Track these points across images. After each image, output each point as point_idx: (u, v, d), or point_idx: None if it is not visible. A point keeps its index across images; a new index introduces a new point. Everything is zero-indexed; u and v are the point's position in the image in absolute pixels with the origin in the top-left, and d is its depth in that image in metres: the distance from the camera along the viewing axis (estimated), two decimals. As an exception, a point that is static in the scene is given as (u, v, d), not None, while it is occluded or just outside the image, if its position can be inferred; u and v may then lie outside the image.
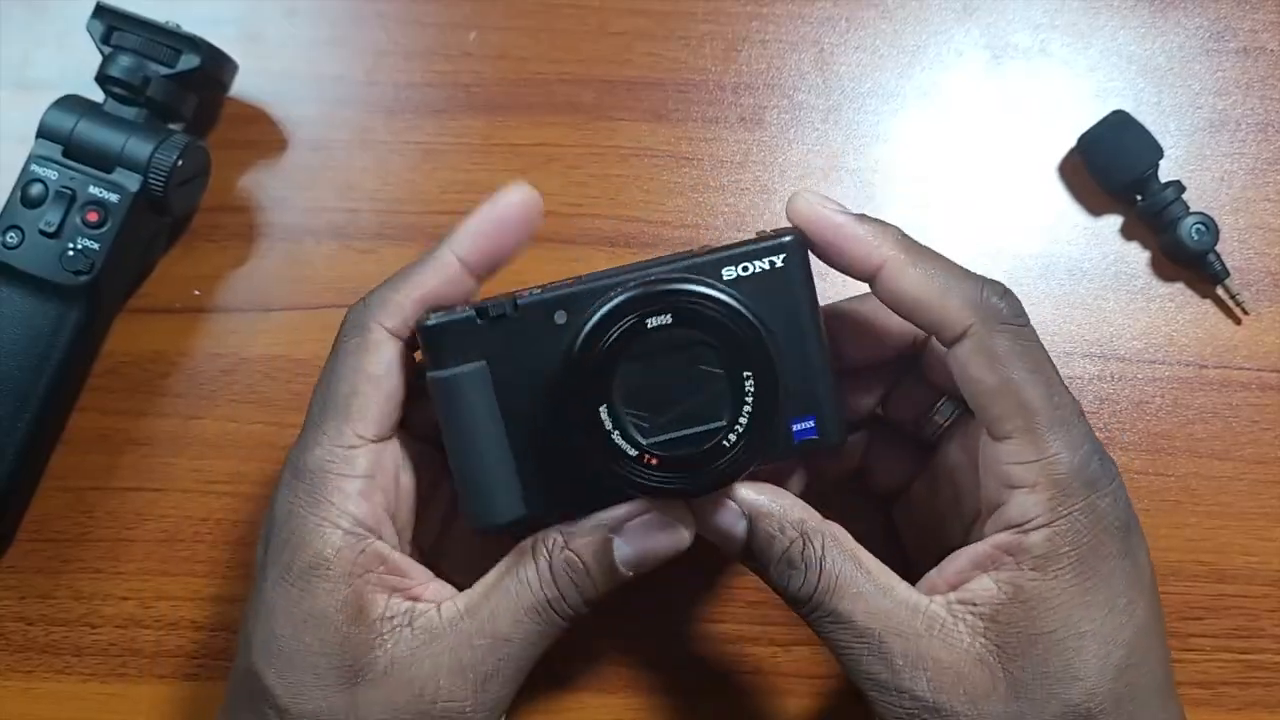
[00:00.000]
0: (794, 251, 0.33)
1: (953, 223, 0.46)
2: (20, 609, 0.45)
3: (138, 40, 0.44)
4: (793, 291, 0.34)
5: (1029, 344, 0.33)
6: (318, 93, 0.48)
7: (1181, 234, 0.44)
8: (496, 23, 0.48)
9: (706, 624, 0.44)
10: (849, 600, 0.32)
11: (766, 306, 0.33)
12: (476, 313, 0.33)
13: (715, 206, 0.47)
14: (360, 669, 0.33)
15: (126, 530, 0.45)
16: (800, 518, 0.34)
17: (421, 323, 0.34)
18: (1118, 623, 0.32)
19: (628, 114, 0.47)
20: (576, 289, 0.33)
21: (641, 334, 0.32)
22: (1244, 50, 0.47)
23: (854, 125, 0.47)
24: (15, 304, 0.43)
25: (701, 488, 0.33)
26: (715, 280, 0.33)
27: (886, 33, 0.48)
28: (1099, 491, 0.32)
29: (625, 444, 0.32)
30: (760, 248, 0.33)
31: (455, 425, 0.34)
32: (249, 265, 0.47)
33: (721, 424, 0.32)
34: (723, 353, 0.32)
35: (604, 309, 0.32)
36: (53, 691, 0.44)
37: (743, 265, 0.33)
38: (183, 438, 0.45)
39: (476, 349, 0.33)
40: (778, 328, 0.33)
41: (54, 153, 0.43)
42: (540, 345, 0.33)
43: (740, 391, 0.32)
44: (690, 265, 0.33)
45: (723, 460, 0.32)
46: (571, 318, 0.33)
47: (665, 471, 0.32)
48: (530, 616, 0.33)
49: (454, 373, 0.33)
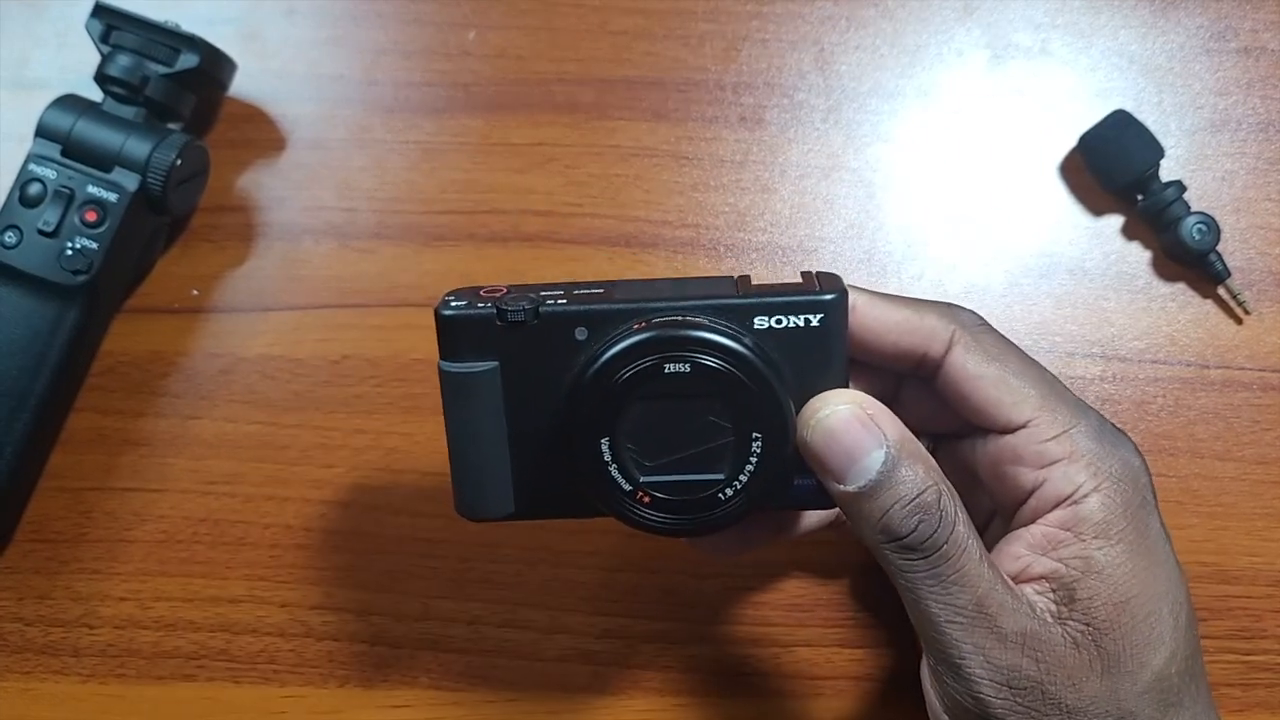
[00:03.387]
0: (834, 311, 0.32)
1: (953, 222, 0.46)
2: (18, 609, 0.44)
3: (136, 40, 0.43)
4: (826, 350, 0.32)
5: (1006, 340, 0.34)
6: (316, 92, 0.48)
7: (1183, 234, 0.44)
8: (495, 22, 0.48)
9: (707, 625, 0.44)
10: (972, 563, 0.31)
11: (794, 362, 0.32)
12: (497, 313, 0.32)
13: (715, 206, 0.47)
14: None
15: (125, 531, 0.45)
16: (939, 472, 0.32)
17: (438, 309, 0.33)
18: (1175, 579, 0.33)
19: (627, 113, 0.47)
20: (603, 309, 0.32)
21: (657, 377, 0.31)
22: (1245, 50, 0.47)
23: (854, 125, 0.47)
24: (13, 303, 0.43)
25: (690, 532, 0.33)
26: (744, 331, 0.32)
27: (887, 32, 0.48)
28: (1125, 448, 0.33)
29: (621, 479, 0.32)
30: (800, 302, 0.32)
31: (458, 418, 0.33)
32: (247, 265, 0.47)
33: (721, 478, 0.32)
34: (735, 410, 0.31)
35: (623, 344, 0.31)
36: (51, 692, 0.44)
37: (777, 317, 0.32)
38: (181, 438, 0.45)
39: (491, 348, 0.33)
40: (802, 383, 0.32)
41: (53, 152, 0.43)
42: (555, 357, 0.32)
43: (746, 451, 0.32)
44: (723, 307, 0.32)
45: (716, 511, 0.32)
46: (591, 337, 0.32)
47: (656, 511, 0.32)
48: None
49: (466, 369, 0.33)
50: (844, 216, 0.47)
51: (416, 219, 0.47)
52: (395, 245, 0.46)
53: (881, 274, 0.46)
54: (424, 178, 0.47)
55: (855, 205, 0.47)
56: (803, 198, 0.47)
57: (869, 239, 0.46)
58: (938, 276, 0.46)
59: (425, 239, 0.46)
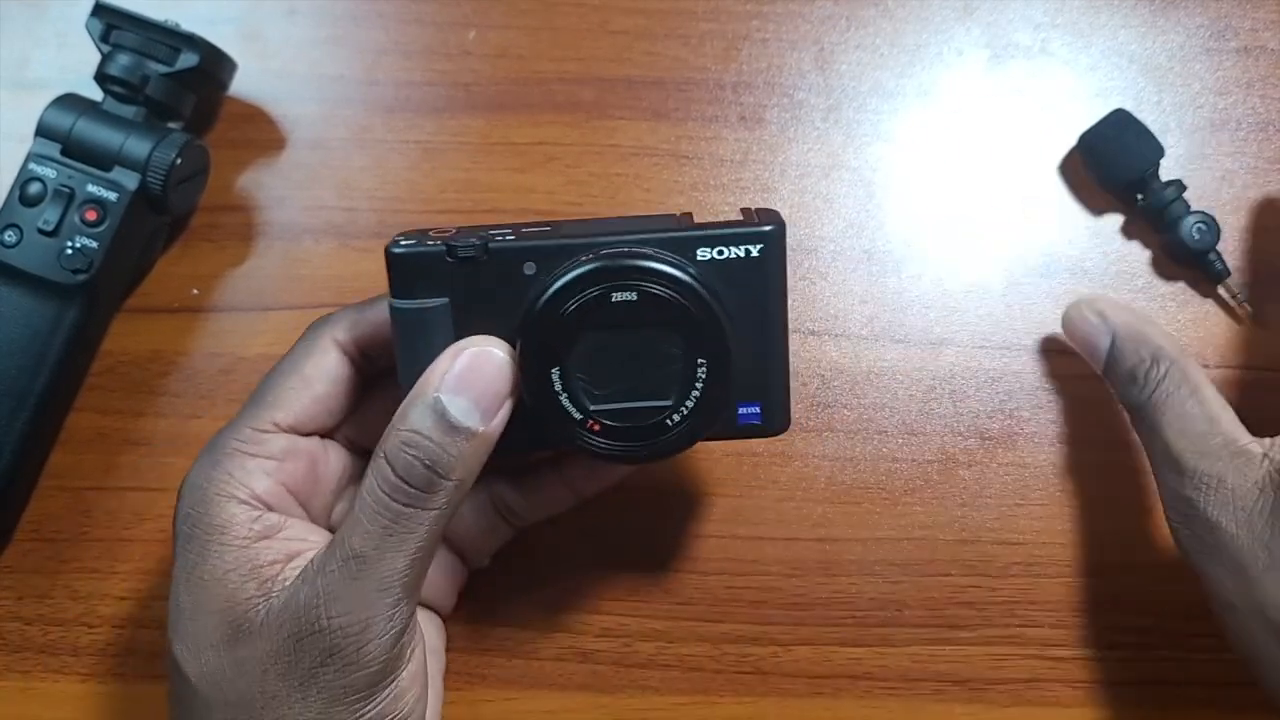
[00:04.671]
0: (773, 242, 0.34)
1: (953, 222, 0.46)
2: (17, 609, 0.44)
3: (136, 39, 0.43)
4: (765, 281, 0.34)
5: None
6: (317, 92, 0.48)
7: (1183, 233, 0.44)
8: (496, 21, 0.48)
9: (706, 624, 0.44)
10: (1167, 417, 0.38)
11: (735, 292, 0.33)
12: (447, 250, 0.33)
13: (716, 205, 0.47)
14: (243, 624, 0.33)
15: (124, 530, 0.45)
16: (1158, 345, 0.39)
17: (389, 247, 0.33)
18: None
19: (628, 113, 0.47)
20: (550, 243, 0.33)
21: (605, 306, 0.32)
22: (1245, 49, 0.47)
23: (854, 124, 0.47)
24: (13, 303, 0.43)
25: (639, 457, 0.34)
26: (687, 261, 0.33)
27: (887, 31, 0.48)
28: None
29: (572, 407, 0.33)
30: (740, 233, 0.33)
31: (409, 356, 0.34)
32: (247, 264, 0.47)
33: (668, 403, 0.33)
34: (681, 337, 0.33)
35: (570, 275, 0.32)
36: (50, 691, 0.44)
37: (719, 248, 0.33)
38: (181, 437, 0.45)
39: (442, 285, 0.33)
40: (743, 313, 0.33)
41: (53, 151, 0.43)
42: (505, 292, 0.33)
43: (692, 376, 0.33)
44: (666, 239, 0.33)
45: (664, 436, 0.33)
46: (540, 271, 0.33)
47: (607, 438, 0.33)
48: (376, 522, 0.32)
49: (417, 305, 0.33)
50: (844, 216, 0.47)
51: (417, 219, 0.47)
52: (395, 245, 0.46)
53: (881, 273, 0.46)
54: (424, 177, 0.47)
55: (855, 204, 0.47)
56: (802, 197, 0.47)
57: (869, 238, 0.46)
58: (938, 276, 0.46)
59: (425, 238, 0.46)
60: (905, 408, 0.45)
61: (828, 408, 0.45)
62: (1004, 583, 0.44)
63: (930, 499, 0.45)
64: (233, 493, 0.35)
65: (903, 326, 0.46)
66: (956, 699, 0.43)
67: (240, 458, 0.35)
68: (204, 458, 0.36)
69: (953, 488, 0.45)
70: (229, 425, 0.36)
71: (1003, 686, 0.44)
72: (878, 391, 0.45)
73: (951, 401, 0.45)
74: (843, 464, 0.45)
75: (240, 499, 0.35)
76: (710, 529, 0.44)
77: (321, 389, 0.36)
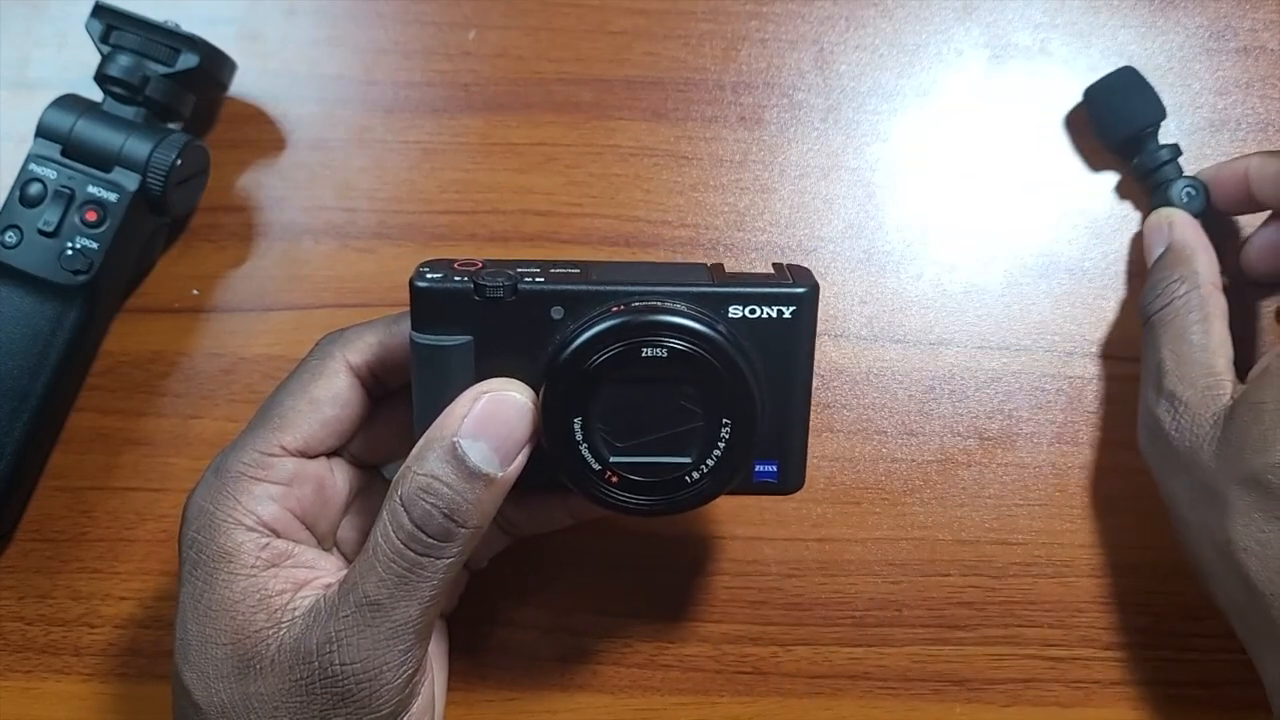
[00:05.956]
0: (806, 305, 0.33)
1: (953, 222, 0.46)
2: (19, 609, 0.45)
3: (136, 39, 0.43)
4: (796, 343, 0.33)
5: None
6: (316, 92, 0.48)
7: (1171, 196, 0.44)
8: (495, 22, 0.48)
9: (706, 624, 0.44)
10: (1168, 334, 0.40)
11: (765, 352, 0.33)
12: (475, 288, 0.32)
13: (715, 206, 0.47)
14: (253, 658, 0.33)
15: (126, 530, 0.45)
16: (1194, 269, 0.41)
17: (413, 280, 0.33)
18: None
19: (627, 113, 0.47)
20: (580, 288, 0.32)
21: (633, 360, 0.32)
22: (1244, 49, 0.47)
23: (854, 124, 0.47)
24: (14, 303, 0.43)
25: (655, 512, 0.33)
26: (718, 319, 0.32)
27: (886, 31, 0.48)
28: None
29: (592, 458, 0.32)
30: (774, 293, 0.33)
31: (427, 390, 0.33)
32: (248, 265, 0.47)
33: (688, 460, 0.32)
34: (707, 396, 0.32)
35: (600, 327, 0.32)
36: (51, 691, 0.44)
37: (750, 307, 0.33)
38: (182, 437, 0.45)
39: (466, 322, 0.33)
40: (770, 373, 0.33)
41: (53, 152, 0.43)
42: (530, 334, 0.33)
43: (715, 436, 0.32)
44: (698, 294, 0.32)
45: (680, 493, 0.33)
46: (567, 316, 0.32)
47: (623, 491, 0.33)
48: (391, 570, 0.32)
49: (439, 341, 0.33)
50: (843, 216, 0.47)
51: (417, 219, 0.47)
52: (395, 245, 0.46)
53: (881, 273, 0.46)
54: (424, 178, 0.47)
55: (854, 205, 0.47)
56: (802, 197, 0.47)
57: (868, 238, 0.46)
58: (937, 276, 0.46)
59: (425, 239, 0.46)
60: (904, 408, 0.45)
61: (827, 408, 0.45)
62: (1003, 583, 0.44)
63: (929, 499, 0.45)
64: (240, 519, 0.34)
65: (902, 327, 0.46)
66: (955, 699, 0.44)
67: (247, 482, 0.34)
68: (210, 480, 0.35)
69: (952, 488, 0.45)
70: (235, 445, 0.36)
71: (1001, 686, 0.44)
72: (877, 392, 0.45)
73: (951, 402, 0.45)
74: (842, 464, 0.45)
75: (247, 525, 0.34)
76: (710, 529, 0.44)
77: (331, 413, 0.35)
